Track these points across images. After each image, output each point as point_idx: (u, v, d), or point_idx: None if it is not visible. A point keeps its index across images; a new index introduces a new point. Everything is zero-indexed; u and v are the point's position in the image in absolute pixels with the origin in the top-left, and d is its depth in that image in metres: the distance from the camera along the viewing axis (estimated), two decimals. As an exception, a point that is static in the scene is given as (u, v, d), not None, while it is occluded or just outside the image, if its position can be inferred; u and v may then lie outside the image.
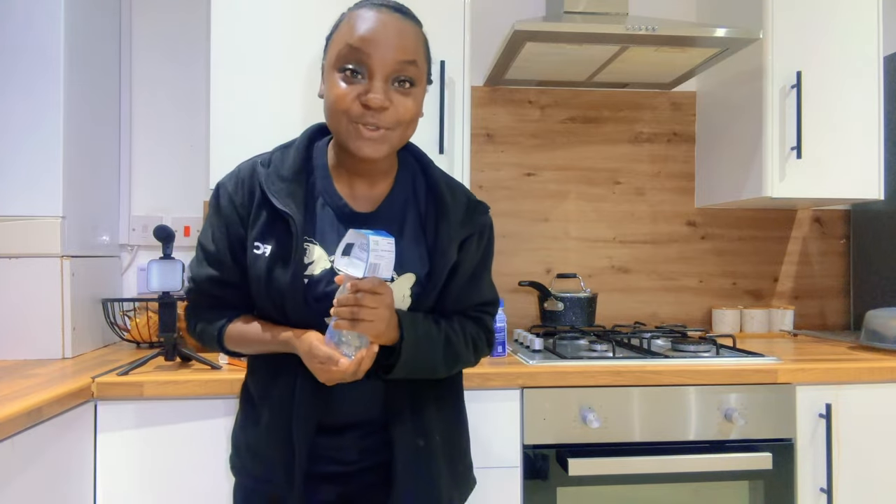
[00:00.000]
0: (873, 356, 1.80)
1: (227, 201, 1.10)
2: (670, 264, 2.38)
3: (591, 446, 1.59)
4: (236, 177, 1.11)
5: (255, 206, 1.08)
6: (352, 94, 1.00)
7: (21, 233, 1.72)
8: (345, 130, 1.02)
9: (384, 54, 1.00)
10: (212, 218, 1.12)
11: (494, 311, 1.22)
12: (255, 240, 1.07)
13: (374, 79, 1.00)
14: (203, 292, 1.14)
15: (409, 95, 1.03)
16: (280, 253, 1.06)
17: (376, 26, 1.00)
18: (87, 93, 1.91)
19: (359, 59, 1.00)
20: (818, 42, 2.00)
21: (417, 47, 1.04)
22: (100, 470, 1.48)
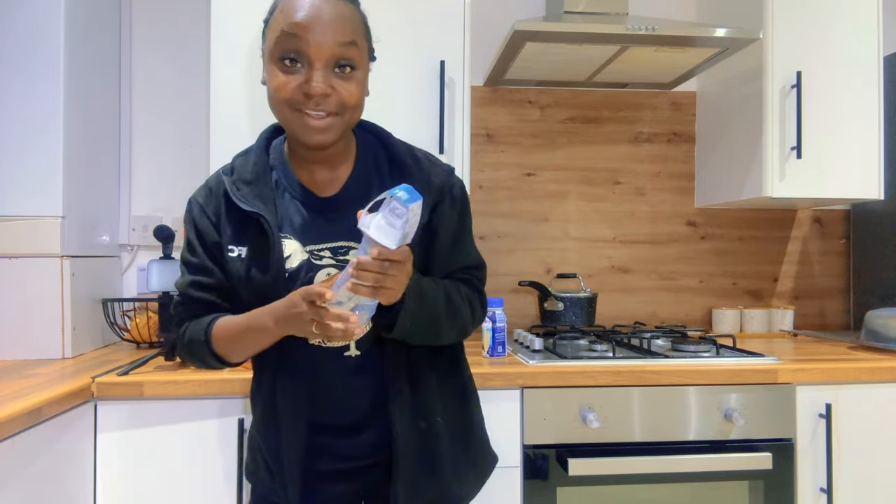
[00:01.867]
0: (873, 356, 1.80)
1: (199, 211, 1.13)
2: (670, 264, 2.38)
3: (591, 446, 1.59)
4: (205, 189, 1.15)
5: (223, 214, 1.10)
6: (292, 83, 0.99)
7: (21, 233, 1.72)
8: (291, 120, 1.02)
9: (321, 40, 0.98)
10: (188, 232, 1.14)
11: (481, 274, 1.20)
12: (229, 244, 1.09)
13: (314, 67, 0.99)
14: (188, 298, 1.13)
15: (350, 80, 1.02)
16: (256, 252, 1.07)
17: (310, 12, 0.98)
18: (88, 93, 1.91)
19: (296, 48, 0.98)
20: (818, 42, 2.00)
21: (356, 28, 1.02)
22: (100, 470, 1.48)
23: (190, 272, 1.13)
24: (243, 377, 1.49)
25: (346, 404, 1.11)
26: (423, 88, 1.82)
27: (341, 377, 1.10)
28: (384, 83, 1.82)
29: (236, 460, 1.50)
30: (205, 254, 1.12)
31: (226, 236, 1.10)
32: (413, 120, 1.82)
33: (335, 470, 1.13)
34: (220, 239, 1.11)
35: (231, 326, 1.07)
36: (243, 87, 1.78)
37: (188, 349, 1.13)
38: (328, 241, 1.09)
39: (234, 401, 1.52)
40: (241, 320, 1.06)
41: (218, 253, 1.11)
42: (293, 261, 1.07)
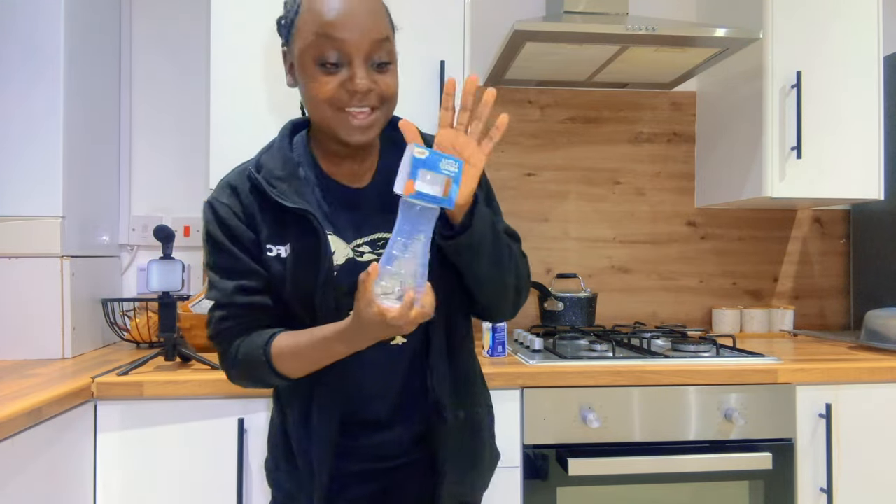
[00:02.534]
0: (873, 356, 1.80)
1: (226, 210, 1.05)
2: (670, 264, 2.38)
3: (591, 446, 1.59)
4: (227, 188, 1.07)
5: (257, 212, 1.04)
6: (334, 83, 0.97)
7: (21, 233, 1.72)
8: (333, 119, 0.99)
9: (359, 38, 0.96)
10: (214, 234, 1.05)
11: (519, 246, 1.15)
12: (267, 242, 1.04)
13: (354, 65, 0.97)
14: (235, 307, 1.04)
15: (388, 73, 1.00)
16: (302, 251, 1.02)
17: (343, 9, 0.96)
18: (87, 93, 1.91)
19: (335, 48, 0.96)
20: (818, 42, 2.00)
21: (386, 22, 1.01)
22: (100, 470, 1.48)
23: (232, 278, 1.04)
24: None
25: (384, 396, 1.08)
26: (423, 88, 1.82)
27: (385, 367, 1.07)
28: (384, 83, 1.82)
29: (236, 460, 1.50)
30: (243, 254, 1.04)
31: (263, 235, 1.04)
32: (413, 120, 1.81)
33: (363, 470, 1.10)
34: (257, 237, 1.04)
35: (298, 346, 1.01)
36: (244, 86, 1.78)
37: (244, 368, 1.04)
38: (365, 235, 1.06)
39: (234, 401, 1.52)
40: (305, 341, 1.00)
41: (258, 252, 1.04)
42: (338, 257, 1.03)
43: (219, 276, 1.05)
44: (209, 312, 1.07)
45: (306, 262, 1.02)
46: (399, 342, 1.07)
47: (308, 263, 1.02)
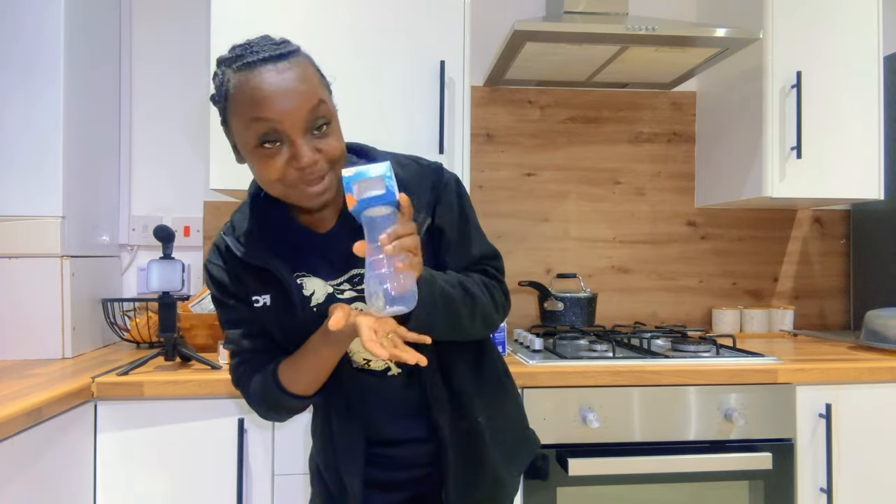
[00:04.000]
0: (873, 356, 1.80)
1: (218, 270, 1.12)
2: (670, 264, 2.38)
3: (591, 446, 1.59)
4: (215, 249, 1.14)
5: (238, 267, 1.11)
6: (279, 164, 0.97)
7: (21, 233, 1.72)
8: (289, 194, 1.01)
9: (293, 114, 0.95)
10: (214, 293, 1.14)
11: (497, 263, 1.17)
12: (253, 294, 1.10)
13: (295, 142, 0.96)
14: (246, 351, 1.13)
15: (330, 135, 1.00)
16: (280, 298, 1.09)
17: (271, 90, 0.94)
18: (87, 93, 1.91)
19: (271, 129, 0.95)
20: (818, 42, 2.00)
21: (315, 84, 0.99)
22: (100, 470, 1.48)
23: (237, 327, 1.13)
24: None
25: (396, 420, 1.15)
26: (423, 88, 1.82)
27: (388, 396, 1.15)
28: (384, 84, 1.82)
29: (236, 460, 1.50)
30: (242, 305, 1.12)
31: (248, 288, 1.11)
32: (413, 120, 1.82)
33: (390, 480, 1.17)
34: (246, 292, 1.11)
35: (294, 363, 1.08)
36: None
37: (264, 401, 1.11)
38: (342, 274, 1.10)
39: (234, 401, 1.52)
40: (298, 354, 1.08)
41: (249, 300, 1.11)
42: (318, 296, 1.09)
43: (228, 327, 1.14)
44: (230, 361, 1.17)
45: (285, 307, 1.08)
46: (394, 372, 1.14)
47: (287, 308, 1.08)
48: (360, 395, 1.14)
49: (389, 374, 1.14)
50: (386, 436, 1.16)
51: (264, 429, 1.53)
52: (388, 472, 1.17)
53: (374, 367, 1.14)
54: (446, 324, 1.04)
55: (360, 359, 1.13)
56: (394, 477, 1.17)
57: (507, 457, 1.20)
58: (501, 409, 1.22)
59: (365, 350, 1.01)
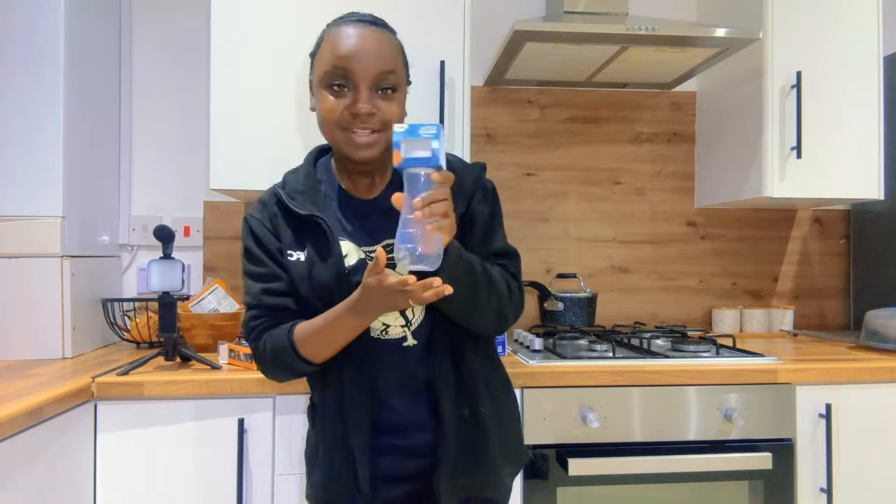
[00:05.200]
0: (873, 356, 1.80)
1: (257, 224, 1.19)
2: (670, 264, 2.38)
3: (591, 446, 1.59)
4: (259, 204, 1.21)
5: (280, 223, 1.18)
6: (340, 106, 1.11)
7: (21, 233, 1.72)
8: (339, 139, 1.13)
9: (366, 66, 1.10)
10: (248, 245, 1.19)
11: (515, 263, 1.24)
12: (288, 249, 1.17)
13: (359, 90, 1.10)
14: (263, 307, 1.16)
15: (391, 100, 1.13)
16: (316, 254, 1.14)
17: (356, 42, 1.10)
18: (87, 93, 1.91)
19: (343, 74, 1.10)
20: (818, 42, 2.00)
21: (394, 56, 1.14)
22: (100, 470, 1.48)
23: (259, 281, 1.17)
24: (243, 377, 1.49)
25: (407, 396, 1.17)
26: (423, 88, 1.82)
27: (400, 367, 1.16)
28: (384, 83, 1.82)
29: (236, 460, 1.50)
30: (271, 261, 1.17)
31: (284, 242, 1.17)
32: (413, 120, 1.82)
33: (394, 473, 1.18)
34: (281, 244, 1.17)
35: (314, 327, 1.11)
36: (244, 86, 1.78)
37: (273, 359, 1.14)
38: (377, 241, 1.17)
39: (234, 401, 1.52)
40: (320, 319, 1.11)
41: (281, 258, 1.17)
42: (350, 259, 1.15)
43: (250, 280, 1.19)
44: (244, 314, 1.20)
45: (320, 263, 1.14)
46: (411, 343, 1.17)
47: (322, 264, 1.14)
48: (372, 364, 1.15)
49: (405, 344, 1.16)
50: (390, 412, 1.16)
51: (264, 429, 1.53)
52: (392, 462, 1.17)
53: (391, 337, 1.16)
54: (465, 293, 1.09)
55: (380, 324, 1.15)
56: (398, 469, 1.17)
57: (504, 454, 1.21)
58: (503, 407, 1.25)
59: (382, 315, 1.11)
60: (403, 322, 1.16)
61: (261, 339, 1.16)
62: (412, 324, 1.17)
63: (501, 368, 1.29)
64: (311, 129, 1.76)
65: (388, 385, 1.16)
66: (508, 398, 1.28)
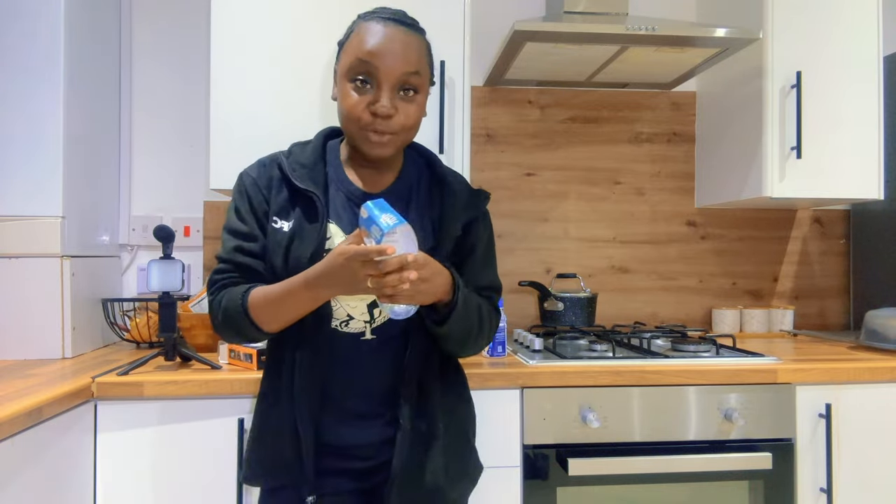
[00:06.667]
0: (873, 356, 1.80)
1: (251, 182, 1.19)
2: (670, 264, 2.38)
3: (591, 446, 1.59)
4: (258, 164, 1.22)
5: (275, 188, 1.18)
6: (362, 103, 1.11)
7: (21, 233, 1.72)
8: (356, 134, 1.13)
9: (390, 67, 1.10)
10: (236, 201, 1.19)
11: (498, 297, 1.30)
12: (275, 215, 1.16)
13: (382, 89, 1.10)
14: (232, 263, 1.16)
15: (412, 102, 1.13)
16: (301, 227, 1.14)
17: (383, 40, 1.10)
18: (88, 93, 1.91)
19: (368, 71, 1.10)
20: (818, 42, 2.00)
21: (420, 58, 1.14)
22: (100, 470, 1.48)
23: (236, 238, 1.17)
24: (243, 377, 1.49)
25: (358, 389, 1.16)
26: (423, 88, 1.82)
27: (356, 361, 1.16)
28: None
29: (236, 460, 1.50)
30: (254, 221, 1.17)
31: (273, 208, 1.16)
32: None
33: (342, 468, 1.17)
34: (270, 211, 1.17)
35: (269, 293, 1.10)
36: (243, 86, 1.78)
37: (224, 317, 1.13)
38: None
39: (234, 401, 1.52)
40: (278, 287, 1.10)
41: (265, 222, 1.17)
42: (334, 242, 1.15)
43: (228, 234, 1.19)
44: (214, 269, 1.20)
45: (303, 238, 1.13)
46: (369, 338, 1.16)
47: (304, 239, 1.13)
48: (327, 354, 1.15)
49: (363, 338, 1.16)
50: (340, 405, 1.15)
51: (264, 429, 1.53)
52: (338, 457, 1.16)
53: (351, 330, 1.15)
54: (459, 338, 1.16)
55: (344, 314, 1.15)
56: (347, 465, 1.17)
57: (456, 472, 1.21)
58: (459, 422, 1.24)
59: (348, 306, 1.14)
60: (368, 318, 1.16)
61: (219, 294, 1.15)
62: (374, 321, 1.16)
63: (463, 380, 1.29)
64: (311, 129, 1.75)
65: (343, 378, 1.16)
66: (466, 412, 1.27)
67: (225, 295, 1.14)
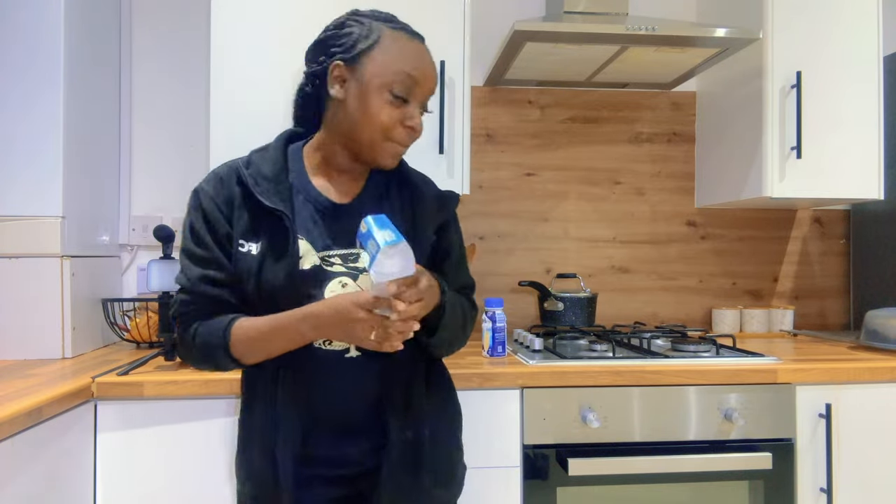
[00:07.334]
0: (873, 356, 1.80)
1: (209, 201, 1.12)
2: (670, 264, 2.38)
3: (591, 446, 1.59)
4: (215, 178, 1.14)
5: (237, 206, 1.11)
6: (395, 115, 1.10)
7: (21, 233, 1.72)
8: (377, 145, 1.11)
9: (427, 87, 1.12)
10: (194, 222, 1.12)
11: (473, 292, 1.32)
12: (240, 238, 1.09)
13: (414, 105, 1.11)
14: (199, 294, 1.10)
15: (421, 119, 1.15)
16: (270, 249, 1.08)
17: (424, 60, 1.12)
18: (88, 94, 1.91)
19: (410, 89, 1.10)
20: (818, 42, 2.00)
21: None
22: (100, 470, 1.48)
23: (199, 266, 1.10)
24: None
25: (342, 406, 1.13)
26: (423, 88, 1.82)
27: (340, 378, 1.13)
28: (384, 83, 1.82)
29: (236, 460, 1.50)
30: (216, 246, 1.10)
31: (238, 229, 1.10)
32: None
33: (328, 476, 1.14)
34: (232, 231, 1.10)
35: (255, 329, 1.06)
36: (243, 86, 1.78)
37: (200, 351, 1.09)
38: (339, 248, 1.12)
39: (234, 401, 1.52)
40: (266, 323, 1.06)
41: (229, 246, 1.10)
42: (305, 262, 1.10)
43: (190, 261, 1.11)
44: (175, 294, 1.13)
45: (274, 261, 1.07)
46: (353, 355, 1.13)
47: (275, 261, 1.07)
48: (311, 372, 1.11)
49: (347, 355, 1.13)
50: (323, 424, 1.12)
51: (264, 429, 1.53)
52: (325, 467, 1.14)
53: (333, 347, 1.12)
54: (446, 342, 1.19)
55: None
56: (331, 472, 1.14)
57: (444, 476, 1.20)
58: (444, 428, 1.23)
59: None
60: None
61: (190, 328, 1.09)
62: None
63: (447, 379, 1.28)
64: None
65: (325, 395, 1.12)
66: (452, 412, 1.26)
67: (200, 329, 1.09)
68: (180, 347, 1.12)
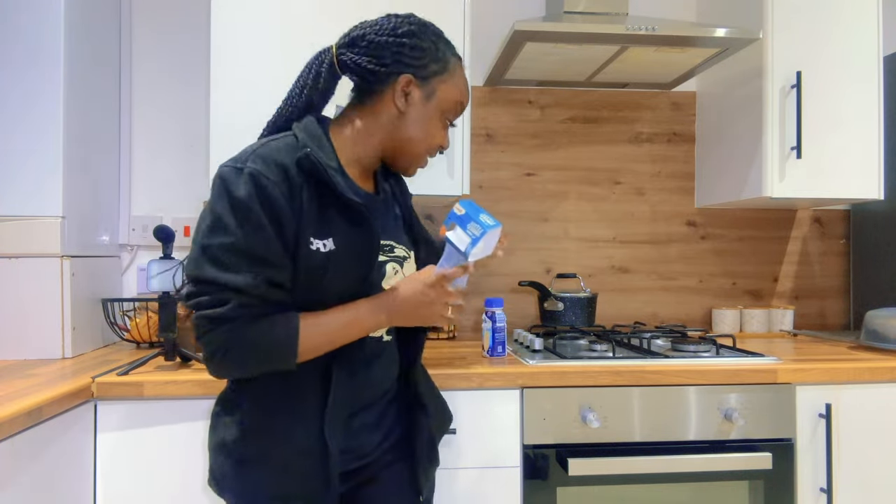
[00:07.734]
0: (873, 356, 1.80)
1: (274, 189, 0.95)
2: (670, 264, 2.38)
3: (591, 446, 1.59)
4: (275, 165, 0.97)
5: (306, 199, 0.98)
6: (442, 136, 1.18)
7: (21, 233, 1.72)
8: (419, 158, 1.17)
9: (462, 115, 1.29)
10: (251, 212, 0.94)
11: None
12: (310, 235, 0.98)
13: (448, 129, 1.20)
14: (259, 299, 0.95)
15: None
16: (348, 245, 1.01)
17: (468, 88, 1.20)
18: (88, 93, 1.91)
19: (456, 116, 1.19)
20: (818, 42, 2.00)
21: None
22: (100, 470, 1.48)
23: (263, 267, 0.95)
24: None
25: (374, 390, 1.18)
26: (423, 88, 1.82)
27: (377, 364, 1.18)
28: (384, 83, 1.82)
29: (236, 460, 1.50)
30: (281, 242, 0.96)
31: (310, 227, 0.98)
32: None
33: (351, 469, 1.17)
34: (300, 229, 0.97)
35: (324, 325, 0.99)
36: (244, 86, 1.78)
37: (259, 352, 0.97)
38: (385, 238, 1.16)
39: (234, 401, 1.52)
40: (334, 319, 1.00)
41: (293, 244, 0.97)
42: None
43: (244, 259, 0.94)
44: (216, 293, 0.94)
45: (353, 258, 1.02)
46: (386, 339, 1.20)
47: (355, 259, 1.03)
48: (364, 361, 1.14)
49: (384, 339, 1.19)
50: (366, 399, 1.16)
51: (264, 429, 1.53)
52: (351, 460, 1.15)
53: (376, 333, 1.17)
54: None
55: None
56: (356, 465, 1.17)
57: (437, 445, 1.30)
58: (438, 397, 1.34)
59: None
60: None
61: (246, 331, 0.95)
62: None
63: None
64: (311, 129, 1.76)
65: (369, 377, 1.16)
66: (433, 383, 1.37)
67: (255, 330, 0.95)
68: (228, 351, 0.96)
